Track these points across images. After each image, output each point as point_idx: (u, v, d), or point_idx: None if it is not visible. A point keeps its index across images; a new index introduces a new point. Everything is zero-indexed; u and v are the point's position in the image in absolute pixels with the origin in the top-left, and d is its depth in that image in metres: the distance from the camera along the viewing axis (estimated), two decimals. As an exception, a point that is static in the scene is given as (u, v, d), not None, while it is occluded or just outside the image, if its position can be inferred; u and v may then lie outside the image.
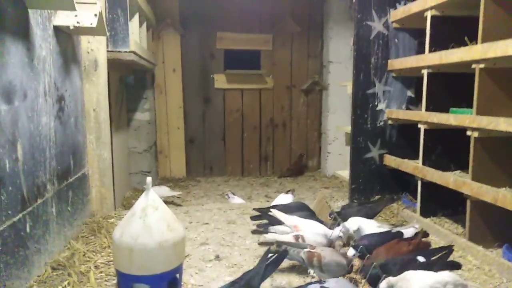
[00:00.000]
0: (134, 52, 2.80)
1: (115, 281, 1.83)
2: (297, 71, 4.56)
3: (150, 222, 1.67)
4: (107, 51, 2.70)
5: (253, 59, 4.46)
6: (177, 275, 1.75)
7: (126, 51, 2.75)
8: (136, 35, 3.10)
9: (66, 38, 2.32)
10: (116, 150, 3.16)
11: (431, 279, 1.63)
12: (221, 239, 2.54)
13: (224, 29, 4.32)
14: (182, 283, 1.83)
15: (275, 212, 2.43)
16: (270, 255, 1.68)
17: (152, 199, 1.74)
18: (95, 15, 2.21)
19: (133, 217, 1.70)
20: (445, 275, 1.69)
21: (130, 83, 3.74)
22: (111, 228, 2.47)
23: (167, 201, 3.42)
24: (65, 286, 1.79)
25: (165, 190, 3.41)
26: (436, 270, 1.76)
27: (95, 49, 2.63)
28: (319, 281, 1.58)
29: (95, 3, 2.25)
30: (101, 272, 1.97)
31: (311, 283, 1.57)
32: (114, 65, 2.90)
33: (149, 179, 1.76)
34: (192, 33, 4.29)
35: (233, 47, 4.37)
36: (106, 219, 2.65)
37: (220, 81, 4.40)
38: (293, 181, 4.33)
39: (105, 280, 1.90)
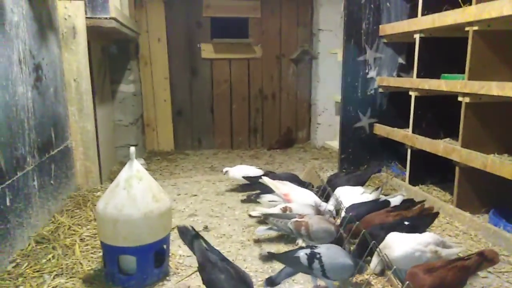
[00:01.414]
0: (115, 19, 2.66)
1: (101, 254, 1.79)
2: (286, 40, 4.43)
3: (135, 192, 1.62)
4: (86, 17, 2.56)
5: (241, 27, 4.31)
6: (164, 246, 1.73)
7: (106, 18, 2.60)
8: (116, 1, 2.94)
9: (40, 2, 2.18)
10: (101, 123, 3.06)
11: (412, 242, 1.63)
12: (210, 210, 2.52)
13: (211, -4, 4.15)
14: (169, 254, 1.81)
15: (265, 180, 2.40)
16: None
17: (136, 169, 1.68)
18: (70, -23, 2.07)
19: (117, 188, 1.65)
20: (427, 236, 1.69)
21: (113, 53, 3.59)
22: (96, 202, 2.39)
23: (153, 175, 3.37)
24: (50, 259, 1.75)
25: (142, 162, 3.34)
26: (421, 232, 1.77)
27: (72, 15, 2.49)
28: (311, 246, 1.57)
29: (70, -35, 2.10)
30: (86, 245, 1.94)
31: (302, 247, 1.56)
32: (94, 33, 2.76)
33: (132, 149, 1.69)
34: (177, 0, 4.11)
35: (220, 15, 4.21)
36: (92, 192, 2.60)
37: (207, 50, 4.26)
38: (282, 153, 4.30)
39: (91, 253, 1.87)
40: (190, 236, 1.51)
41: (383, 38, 3.08)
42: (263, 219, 2.05)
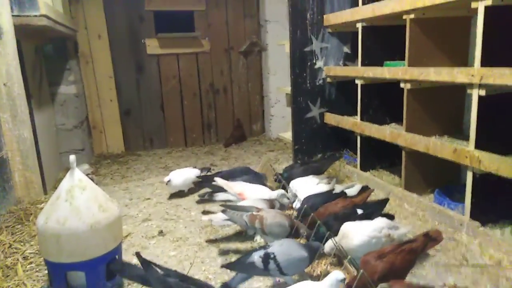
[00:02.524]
0: (46, 16, 2.46)
1: (47, 271, 1.67)
2: (234, 32, 4.38)
3: (78, 204, 1.53)
4: (12, 15, 2.34)
5: (186, 21, 4.18)
6: (116, 257, 1.65)
7: (35, 15, 2.41)
8: (46, -3, 2.72)
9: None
10: (40, 128, 2.86)
11: (368, 229, 1.68)
12: (165, 213, 2.44)
13: (152, -11, 3.98)
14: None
15: (218, 181, 2.36)
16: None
17: (78, 178, 1.58)
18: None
19: (58, 200, 1.54)
20: (379, 221, 1.76)
21: (49, 53, 3.35)
22: (41, 214, 2.26)
23: (103, 180, 3.22)
24: (-13, 283, 1.61)
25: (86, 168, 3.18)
26: (372, 219, 1.82)
27: (-4, 14, 2.27)
28: (264, 246, 1.55)
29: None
30: (30, 263, 1.80)
31: (255, 250, 1.55)
32: (25, 32, 2.55)
33: (72, 157, 1.59)
34: (116, -6, 3.91)
35: (163, 8, 4.06)
36: (35, 204, 2.42)
37: (152, 46, 4.11)
38: (238, 147, 4.27)
39: (36, 271, 1.74)
40: (136, 270, 1.40)
41: (328, 28, 3.12)
42: (222, 211, 2.01)
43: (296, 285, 1.31)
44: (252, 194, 2.25)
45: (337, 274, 1.27)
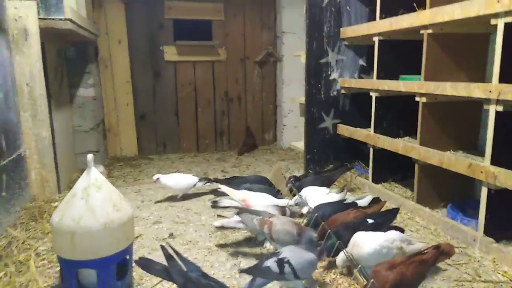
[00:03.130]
0: (71, 20, 2.54)
1: (58, 268, 1.70)
2: (250, 42, 4.44)
3: (93, 202, 1.55)
4: (39, 18, 2.43)
5: (204, 29, 4.26)
6: (127, 256, 1.67)
7: (61, 19, 2.49)
8: (72, 1, 2.82)
9: (-15, 2, 2.05)
10: (58, 129, 2.93)
11: (379, 239, 1.67)
12: (175, 217, 2.46)
13: (172, -3, 4.08)
14: (133, 264, 1.74)
15: (223, 188, 2.38)
16: None
17: (94, 178, 1.61)
18: (19, -24, 1.95)
19: (74, 198, 1.57)
20: (392, 234, 1.74)
21: (70, 56, 3.44)
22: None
23: (115, 182, 3.26)
24: (1, 277, 1.64)
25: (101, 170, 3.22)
26: (384, 231, 1.81)
27: (23, 15, 2.36)
28: (275, 253, 1.56)
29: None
30: (43, 259, 1.83)
31: (268, 256, 1.56)
32: (49, 35, 2.63)
33: (90, 156, 1.62)
34: (137, 1, 4.01)
35: (182, 17, 4.15)
36: (49, 203, 2.46)
37: (170, 53, 4.19)
38: (249, 155, 4.29)
39: (48, 268, 1.77)
40: (159, 265, 1.44)
41: (344, 41, 3.14)
42: (236, 213, 2.02)
43: None
44: (257, 201, 2.26)
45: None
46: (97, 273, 1.55)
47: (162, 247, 1.46)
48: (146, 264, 1.46)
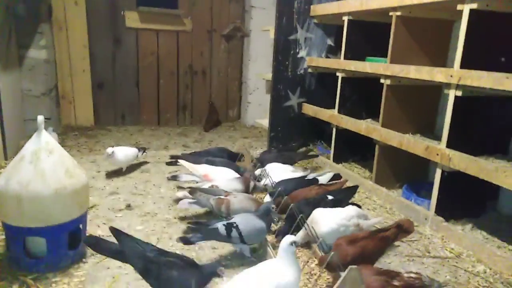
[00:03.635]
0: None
1: (3, 236, 1.58)
2: (217, 14, 4.29)
3: (44, 167, 1.44)
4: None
5: (169, -3, 4.06)
6: (80, 226, 1.58)
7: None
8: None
9: None
10: (5, 92, 2.69)
11: (337, 217, 1.70)
12: (133, 188, 2.37)
13: (136, -41, 3.83)
14: (86, 234, 1.66)
15: (182, 162, 2.32)
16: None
17: (45, 141, 1.49)
18: None
19: (22, 161, 1.45)
20: (349, 210, 1.79)
21: (20, 14, 3.15)
22: (0, 179, 2.13)
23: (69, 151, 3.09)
24: None
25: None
26: (343, 207, 1.85)
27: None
28: (226, 217, 1.66)
29: None
30: (-15, 226, 1.69)
31: (219, 219, 1.59)
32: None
33: (40, 118, 1.50)
34: (97, -41, 3.72)
35: (147, -19, 3.92)
36: (-6, 169, 2.28)
37: (132, 19, 3.96)
38: (212, 131, 4.21)
39: (-9, 236, 1.64)
40: (112, 245, 1.29)
41: (314, 19, 3.12)
42: (189, 193, 1.97)
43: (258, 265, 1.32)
44: (218, 176, 2.22)
45: (287, 238, 1.29)
46: (46, 241, 1.45)
47: (111, 228, 1.31)
48: (96, 244, 1.32)
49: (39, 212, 1.41)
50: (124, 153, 2.57)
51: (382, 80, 2.42)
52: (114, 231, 1.30)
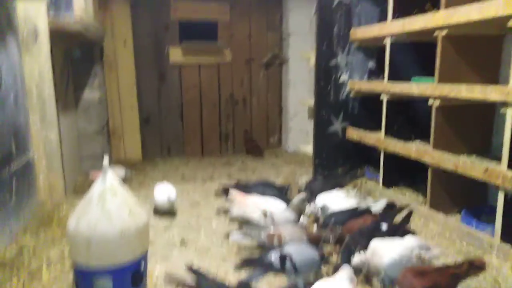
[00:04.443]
0: (80, 21, 2.51)
1: (71, 277, 1.66)
2: (256, 44, 4.41)
3: (109, 208, 1.51)
4: (49, 19, 2.39)
5: (210, 30, 4.23)
6: (142, 264, 1.62)
7: (70, 20, 2.45)
8: (80, 2, 2.78)
9: (-5, 2, 2.01)
10: (64, 132, 2.88)
11: (399, 249, 1.64)
12: (186, 223, 2.42)
13: (178, -2, 4.05)
14: (147, 272, 1.70)
15: (233, 194, 2.35)
16: None
17: (110, 183, 1.57)
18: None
19: (90, 204, 1.53)
20: (411, 241, 1.72)
21: (76, 58, 3.40)
22: (63, 218, 2.26)
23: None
24: (14, 286, 1.59)
25: (120, 171, 3.19)
26: (400, 235, 1.79)
27: (33, 16, 2.31)
28: (279, 248, 1.68)
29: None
30: (55, 268, 1.78)
31: (272, 250, 1.65)
32: (56, 36, 2.59)
33: (106, 161, 1.58)
34: (143, 2, 3.97)
35: (188, 17, 4.11)
36: (57, 207, 2.42)
37: (175, 54, 4.15)
38: (254, 159, 4.25)
39: (60, 276, 1.72)
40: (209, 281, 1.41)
41: (354, 43, 3.12)
42: (240, 226, 2.00)
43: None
44: (267, 207, 2.21)
45: (347, 270, 1.28)
46: (112, 281, 1.51)
47: (189, 267, 1.44)
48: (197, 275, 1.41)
49: (106, 252, 1.47)
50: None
51: (430, 101, 2.35)
52: (193, 271, 1.37)
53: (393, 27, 2.62)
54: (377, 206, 2.27)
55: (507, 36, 2.32)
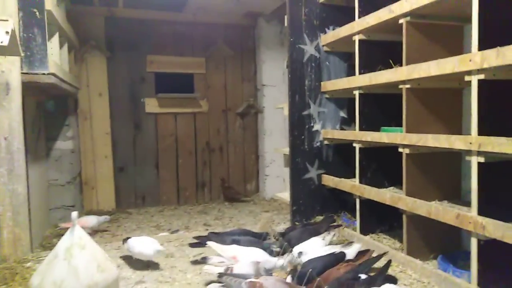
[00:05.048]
0: (54, 75, 2.53)
1: None
2: (231, 94, 4.53)
3: (77, 263, 1.45)
4: (22, 73, 2.40)
5: (186, 82, 4.33)
6: (111, 324, 1.53)
7: (44, 73, 2.47)
8: (56, 56, 2.82)
9: (-31, 56, 2.01)
10: (33, 184, 2.79)
11: None
12: (159, 276, 2.31)
13: (155, 52, 4.16)
14: (116, 332, 1.60)
15: (211, 244, 2.30)
16: None
17: (78, 236, 1.51)
18: (7, 32, 1.95)
19: (56, 259, 1.46)
20: None
21: (50, 109, 3.38)
22: (27, 274, 2.11)
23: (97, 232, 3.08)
24: None
25: (93, 219, 3.05)
26: (379, 285, 1.76)
27: (6, 70, 2.32)
28: None
29: (7, 20, 1.99)
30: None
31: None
32: (30, 88, 2.59)
33: (74, 214, 1.54)
34: (119, 55, 4.06)
35: (164, 70, 4.22)
36: (22, 263, 2.27)
37: (151, 105, 4.19)
38: (232, 206, 4.20)
39: None
40: None
41: (325, 94, 3.26)
42: (217, 278, 1.92)
43: None
44: (246, 258, 2.17)
45: None
46: None
47: None
48: None
49: (72, 313, 1.38)
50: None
51: (400, 149, 2.44)
52: None
53: (360, 81, 2.77)
54: (351, 251, 2.26)
55: (465, 89, 2.49)
